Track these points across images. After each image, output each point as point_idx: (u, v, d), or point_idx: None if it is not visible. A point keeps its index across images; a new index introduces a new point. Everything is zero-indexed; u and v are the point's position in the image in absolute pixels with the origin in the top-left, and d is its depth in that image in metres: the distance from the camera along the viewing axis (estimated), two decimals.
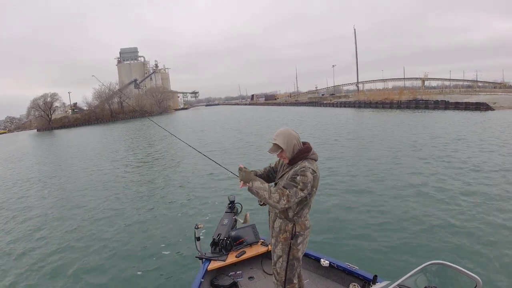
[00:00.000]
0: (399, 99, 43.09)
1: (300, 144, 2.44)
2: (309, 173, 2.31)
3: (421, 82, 72.93)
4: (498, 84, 66.20)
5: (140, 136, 30.98)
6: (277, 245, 2.54)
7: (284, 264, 2.52)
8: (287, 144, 2.38)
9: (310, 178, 2.31)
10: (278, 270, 2.56)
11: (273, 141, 2.42)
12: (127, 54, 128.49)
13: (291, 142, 2.39)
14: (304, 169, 2.32)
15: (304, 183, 2.29)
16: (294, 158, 2.42)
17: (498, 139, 13.86)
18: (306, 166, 2.34)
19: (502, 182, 7.78)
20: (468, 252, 4.67)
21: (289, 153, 2.41)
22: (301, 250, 2.52)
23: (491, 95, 41.29)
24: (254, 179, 2.39)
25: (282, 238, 2.49)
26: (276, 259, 2.56)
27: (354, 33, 78.56)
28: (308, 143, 2.49)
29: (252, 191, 2.37)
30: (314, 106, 63.39)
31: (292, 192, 2.28)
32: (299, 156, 2.40)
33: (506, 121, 20.85)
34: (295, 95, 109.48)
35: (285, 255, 2.50)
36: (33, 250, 6.12)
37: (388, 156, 11.70)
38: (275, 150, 2.43)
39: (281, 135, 2.41)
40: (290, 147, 2.39)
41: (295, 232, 2.45)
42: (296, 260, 2.53)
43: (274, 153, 2.44)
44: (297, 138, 2.43)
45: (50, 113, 73.34)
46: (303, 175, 2.29)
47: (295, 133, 2.45)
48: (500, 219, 5.66)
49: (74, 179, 12.48)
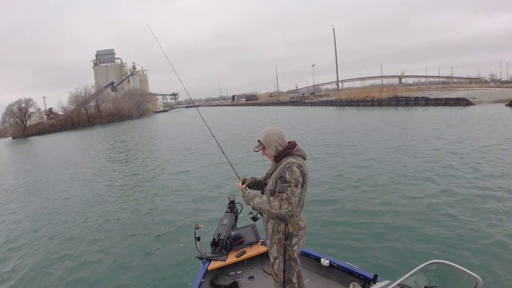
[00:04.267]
0: (379, 96, 44.14)
1: (282, 140, 2.47)
2: (295, 168, 2.33)
3: (398, 80, 75.14)
4: (473, 80, 69.20)
5: (129, 138, 30.28)
6: (272, 247, 2.53)
7: (281, 265, 2.50)
8: (268, 141, 2.46)
9: (297, 172, 2.32)
10: (276, 272, 2.54)
11: (258, 138, 2.54)
12: (104, 56, 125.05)
13: (271, 138, 2.45)
14: (289, 165, 2.34)
15: (294, 179, 2.30)
16: (279, 155, 2.45)
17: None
18: (290, 161, 2.36)
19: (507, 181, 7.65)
20: (469, 252, 4.67)
21: (272, 150, 2.46)
22: (296, 251, 2.50)
23: (469, 91, 43.00)
24: (253, 197, 2.48)
25: (276, 239, 2.48)
26: (273, 261, 2.55)
27: (333, 33, 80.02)
28: (293, 141, 2.53)
29: (256, 209, 2.50)
30: (296, 106, 63.89)
31: (289, 193, 2.28)
32: (283, 153, 2.44)
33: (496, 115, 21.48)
34: (276, 95, 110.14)
35: (281, 256, 2.48)
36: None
37: (388, 156, 11.58)
38: (258, 146, 2.53)
39: (264, 133, 2.50)
40: (272, 144, 2.45)
41: (289, 233, 2.43)
42: (293, 260, 2.51)
43: (257, 150, 2.53)
44: (279, 135, 2.47)
45: (25, 120, 70.31)
46: (290, 171, 2.31)
47: (279, 131, 2.52)
48: (500, 219, 5.64)
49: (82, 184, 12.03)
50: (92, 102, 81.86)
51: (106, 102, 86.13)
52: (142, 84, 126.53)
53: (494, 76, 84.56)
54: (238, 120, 38.41)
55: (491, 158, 9.91)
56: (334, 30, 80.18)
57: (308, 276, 3.26)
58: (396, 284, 1.88)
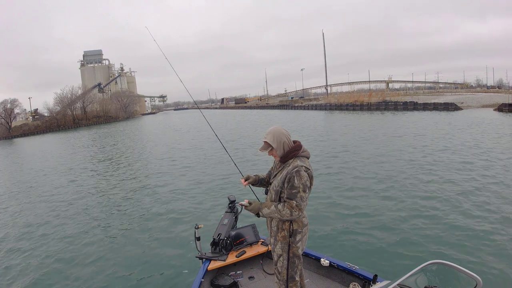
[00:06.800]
0: (368, 101, 44.81)
1: (290, 141, 2.45)
2: (303, 172, 2.32)
3: (386, 85, 76.50)
4: (459, 85, 70.94)
5: (121, 140, 29.62)
6: (276, 244, 2.52)
7: (285, 262, 2.50)
8: (276, 142, 2.42)
9: (305, 177, 2.32)
10: (280, 269, 2.53)
11: (263, 139, 2.47)
12: (91, 57, 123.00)
13: (280, 139, 2.42)
14: (297, 169, 2.32)
15: (303, 184, 2.31)
16: (285, 156, 2.43)
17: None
18: (298, 165, 2.34)
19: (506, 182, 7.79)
20: (469, 252, 4.69)
21: (279, 150, 2.43)
22: (301, 248, 2.51)
23: (456, 95, 44.14)
24: (261, 208, 2.47)
25: (280, 237, 2.48)
26: (277, 258, 2.54)
27: (323, 37, 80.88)
28: (298, 141, 2.50)
29: (265, 217, 2.51)
30: (285, 109, 64.16)
31: (299, 199, 2.30)
32: (290, 154, 2.42)
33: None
34: (265, 98, 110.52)
35: (285, 253, 2.48)
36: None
37: (387, 156, 11.75)
38: (265, 148, 2.47)
39: (271, 133, 2.44)
40: (280, 145, 2.42)
41: (293, 230, 2.44)
42: (297, 257, 2.52)
43: (264, 151, 2.47)
44: (287, 135, 2.45)
45: (10, 121, 68.40)
46: (298, 176, 2.30)
47: (285, 131, 2.48)
48: (501, 218, 5.71)
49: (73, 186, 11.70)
50: (78, 104, 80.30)
51: (92, 104, 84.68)
52: (129, 86, 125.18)
53: (480, 81, 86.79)
54: (233, 123, 38.37)
55: (497, 161, 9.98)
56: (324, 34, 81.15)
57: (308, 276, 3.27)
58: (396, 284, 1.90)
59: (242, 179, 2.70)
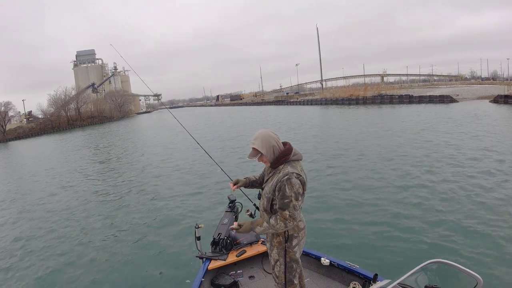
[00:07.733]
0: (364, 95, 44.77)
1: (279, 145, 2.32)
2: (294, 179, 2.19)
3: (380, 78, 76.66)
4: (453, 77, 71.18)
5: (117, 141, 29.39)
6: (272, 249, 2.46)
7: (282, 267, 2.43)
8: (266, 147, 2.28)
9: (297, 184, 2.20)
10: (277, 274, 2.48)
11: (252, 145, 2.32)
12: (84, 57, 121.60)
13: (269, 144, 2.28)
14: (287, 176, 2.19)
15: (295, 192, 2.18)
16: (276, 161, 2.31)
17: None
18: (288, 172, 2.21)
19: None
20: (469, 251, 4.69)
21: (269, 156, 2.30)
22: (298, 252, 2.44)
23: (452, 88, 44.29)
24: (253, 227, 2.36)
25: (276, 242, 2.42)
26: (274, 263, 2.48)
27: (317, 32, 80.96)
28: (288, 143, 2.37)
29: (260, 234, 2.45)
30: (281, 105, 64.03)
31: (291, 210, 2.19)
32: (281, 160, 2.29)
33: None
34: (261, 94, 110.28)
35: (282, 258, 2.42)
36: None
37: (387, 155, 11.52)
38: (254, 155, 2.33)
39: (259, 139, 2.30)
40: (270, 150, 2.29)
41: (289, 235, 2.37)
42: (295, 261, 2.45)
43: (253, 158, 2.33)
44: (276, 139, 2.31)
45: (5, 124, 67.63)
46: (289, 185, 2.18)
47: (274, 134, 2.34)
48: (501, 218, 5.67)
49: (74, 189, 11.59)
50: (72, 104, 79.53)
51: (86, 104, 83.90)
52: (123, 85, 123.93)
53: (474, 73, 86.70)
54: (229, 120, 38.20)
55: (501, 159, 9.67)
56: (318, 30, 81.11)
57: (309, 275, 3.26)
58: (397, 283, 1.90)
59: (231, 183, 2.62)
